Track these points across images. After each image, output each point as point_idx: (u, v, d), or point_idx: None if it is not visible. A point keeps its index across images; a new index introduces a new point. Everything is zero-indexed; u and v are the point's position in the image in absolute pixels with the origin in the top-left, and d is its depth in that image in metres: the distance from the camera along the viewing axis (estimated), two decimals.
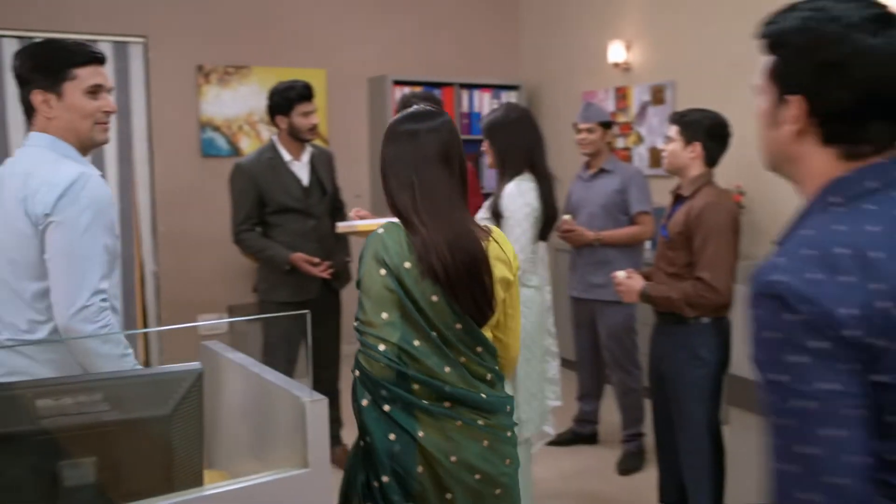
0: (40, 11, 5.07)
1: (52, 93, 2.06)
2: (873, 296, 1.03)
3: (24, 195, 1.98)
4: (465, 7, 6.43)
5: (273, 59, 5.78)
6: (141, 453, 1.46)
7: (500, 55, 6.58)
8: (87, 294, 1.96)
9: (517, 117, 3.27)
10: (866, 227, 1.08)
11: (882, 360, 1.03)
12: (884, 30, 1.09)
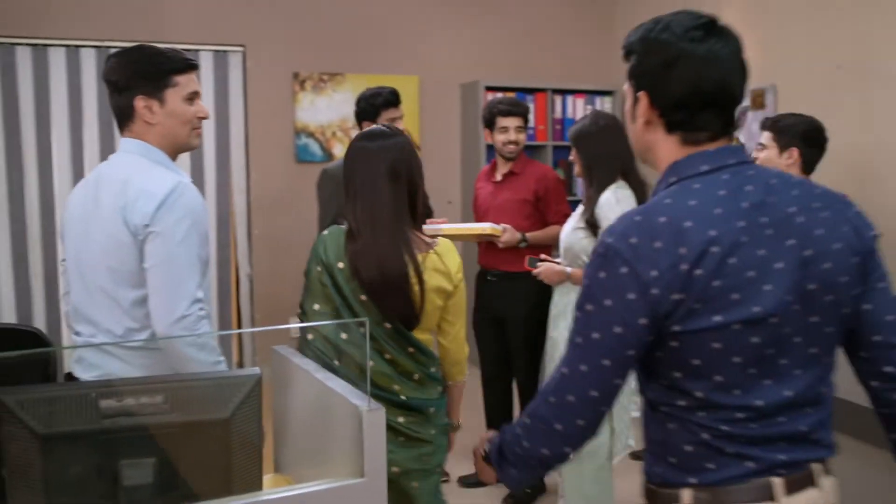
0: (144, 22, 5.28)
1: (154, 99, 2.10)
2: (678, 258, 1.27)
3: (124, 203, 2.02)
4: (559, 12, 6.35)
5: (366, 66, 5.85)
6: (199, 456, 1.48)
7: (595, 60, 6.46)
8: (187, 304, 1.99)
9: (605, 125, 3.19)
10: (688, 202, 1.32)
11: (677, 312, 1.28)
12: (706, 38, 1.36)
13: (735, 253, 1.28)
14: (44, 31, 5.06)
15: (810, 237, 1.33)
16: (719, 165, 1.36)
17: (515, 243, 3.63)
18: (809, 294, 1.32)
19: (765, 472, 1.33)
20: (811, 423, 1.36)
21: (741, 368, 1.30)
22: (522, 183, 3.77)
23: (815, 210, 1.36)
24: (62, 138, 5.09)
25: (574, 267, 3.20)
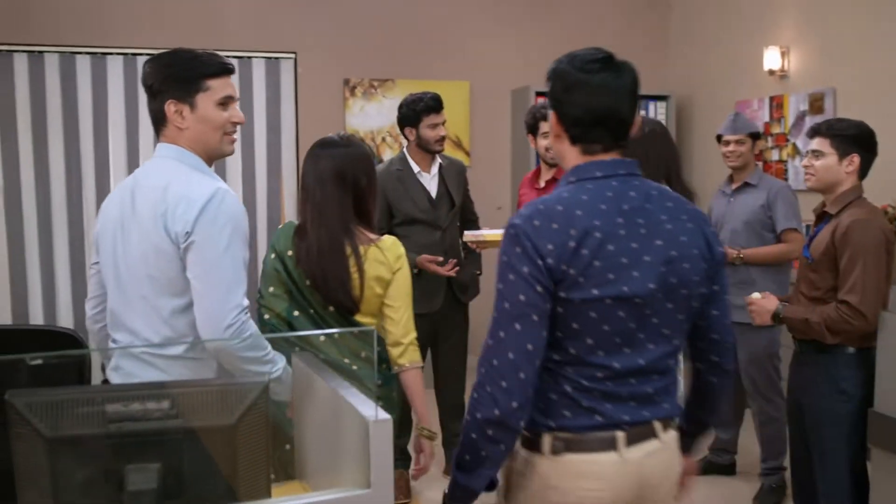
0: (198, 30, 5.38)
1: (185, 103, 2.04)
2: (568, 237, 1.58)
3: (164, 210, 1.98)
4: (612, 16, 6.26)
5: (417, 72, 5.85)
6: (205, 462, 1.47)
7: (649, 65, 6.33)
8: (234, 312, 1.95)
9: (649, 131, 3.09)
10: (581, 197, 1.65)
11: (565, 281, 1.59)
12: (601, 70, 1.66)
13: (612, 241, 1.61)
14: (102, 40, 5.20)
15: (676, 241, 1.67)
16: (611, 174, 1.68)
17: None
18: (670, 285, 1.65)
19: (611, 427, 1.64)
20: (656, 388, 1.70)
21: (608, 336, 1.63)
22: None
23: (683, 221, 1.69)
24: (118, 144, 5.22)
25: None
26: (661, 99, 6.08)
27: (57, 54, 5.11)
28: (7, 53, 5.04)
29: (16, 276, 5.15)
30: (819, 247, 2.76)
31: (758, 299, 2.87)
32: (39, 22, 5.07)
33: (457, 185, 3.94)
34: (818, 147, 2.81)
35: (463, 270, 3.87)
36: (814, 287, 2.78)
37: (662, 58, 6.39)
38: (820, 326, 2.68)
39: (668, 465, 1.73)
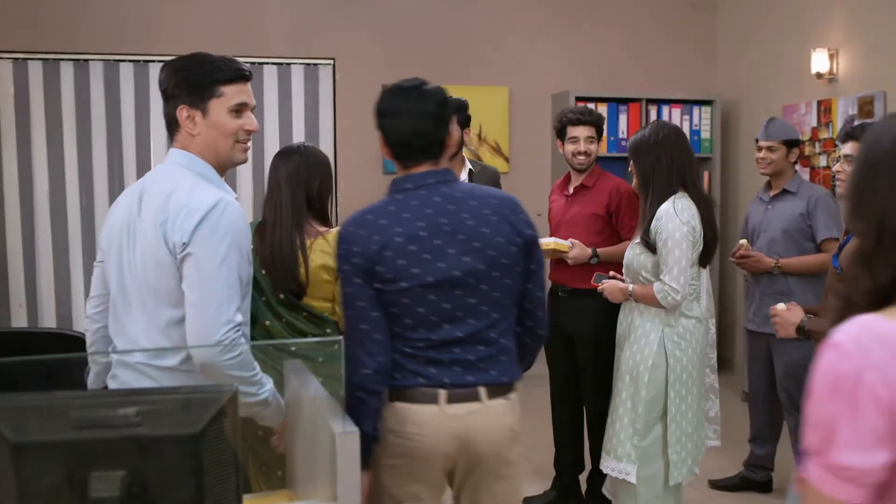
0: (238, 37, 5.44)
1: (197, 109, 2.00)
2: (372, 243, 1.96)
3: (164, 218, 1.94)
4: (655, 20, 6.14)
5: (455, 77, 5.80)
6: (170, 471, 1.45)
7: (694, 68, 6.21)
8: (225, 328, 1.89)
9: (663, 136, 3.03)
10: (388, 208, 2.00)
11: (377, 277, 1.96)
12: (405, 98, 2.03)
13: (414, 243, 1.97)
14: (145, 48, 5.30)
15: (478, 233, 1.99)
16: (420, 184, 2.02)
17: (585, 259, 3.48)
18: (479, 270, 1.99)
19: (434, 386, 1.98)
20: (480, 356, 2.01)
21: (425, 315, 1.99)
22: (594, 197, 3.62)
23: (485, 215, 2.01)
24: (159, 149, 5.30)
25: (636, 284, 3.06)
26: (705, 104, 5.93)
27: (101, 62, 5.23)
28: (54, 62, 5.17)
29: (60, 279, 5.28)
30: (848, 256, 2.63)
31: (782, 310, 2.75)
32: (85, 31, 5.19)
33: None
34: (851, 152, 2.69)
35: None
36: None
37: (708, 62, 6.25)
38: None
39: (490, 425, 2.03)
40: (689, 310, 3.02)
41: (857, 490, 1.04)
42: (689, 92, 6.05)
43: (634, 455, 2.97)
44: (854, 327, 1.08)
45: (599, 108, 5.78)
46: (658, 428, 2.98)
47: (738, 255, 3.77)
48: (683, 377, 2.98)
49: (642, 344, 3.00)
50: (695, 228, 2.93)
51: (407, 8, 5.74)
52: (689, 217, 2.92)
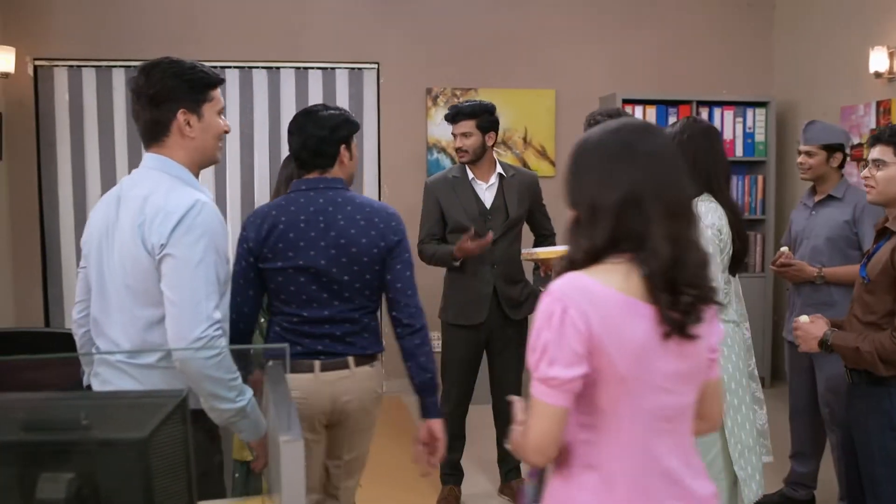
0: (283, 42, 5.51)
1: (193, 113, 2.07)
2: (262, 229, 2.41)
3: (142, 221, 1.99)
4: (708, 18, 5.96)
5: (500, 80, 5.77)
6: (118, 476, 1.45)
7: (748, 68, 6.00)
8: (203, 326, 1.95)
9: (691, 134, 2.87)
10: (281, 203, 2.48)
11: (261, 257, 2.42)
12: (302, 119, 2.53)
13: (293, 231, 2.41)
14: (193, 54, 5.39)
15: (346, 233, 2.42)
16: (311, 187, 2.47)
17: None
18: (341, 262, 2.41)
19: (309, 356, 2.41)
20: (345, 331, 2.44)
21: (296, 294, 2.43)
22: None
23: (356, 220, 2.43)
24: None
25: None
26: (760, 105, 5.72)
27: None
28: (106, 69, 5.33)
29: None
30: (877, 266, 2.49)
31: (804, 323, 2.62)
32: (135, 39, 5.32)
33: (517, 198, 3.79)
34: (879, 156, 2.54)
35: (514, 285, 3.75)
36: (869, 311, 2.51)
37: (763, 61, 6.03)
38: (872, 356, 2.41)
39: (358, 388, 2.46)
40: (725, 313, 2.86)
41: (561, 395, 1.46)
42: (742, 93, 5.85)
43: None
44: (564, 280, 1.49)
45: (648, 111, 5.65)
46: (718, 443, 2.77)
47: (778, 263, 3.61)
48: (732, 385, 2.82)
49: None
50: (721, 231, 2.77)
51: (451, 11, 5.70)
52: (715, 219, 2.77)
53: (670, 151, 1.54)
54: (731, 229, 2.83)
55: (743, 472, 2.79)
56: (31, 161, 5.29)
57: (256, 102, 5.49)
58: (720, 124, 5.70)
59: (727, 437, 2.77)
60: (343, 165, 2.52)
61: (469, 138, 3.74)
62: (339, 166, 2.51)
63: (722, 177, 2.90)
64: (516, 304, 3.78)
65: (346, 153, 2.51)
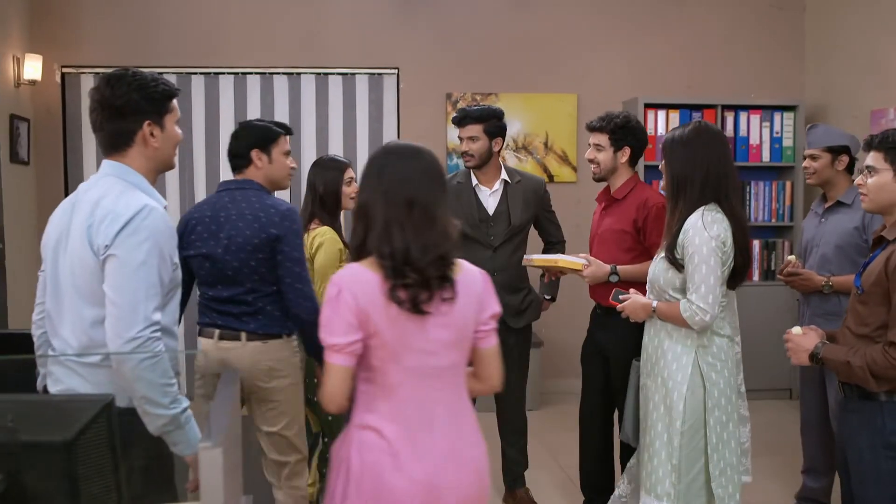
0: (304, 49, 5.56)
1: (157, 124, 2.15)
2: (184, 223, 2.89)
3: (91, 223, 2.05)
4: (736, 21, 5.84)
5: (520, 85, 5.73)
6: (44, 476, 1.47)
7: (777, 72, 5.86)
8: (140, 326, 1.98)
9: (704, 138, 2.76)
10: (203, 201, 2.99)
11: (182, 245, 2.73)
12: (237, 128, 3.10)
13: (201, 225, 2.85)
14: (216, 61, 5.49)
15: (236, 225, 2.80)
16: (224, 188, 2.93)
17: (603, 278, 3.28)
18: (232, 251, 2.78)
19: (212, 326, 2.88)
20: (242, 311, 2.83)
21: (204, 277, 2.88)
22: (623, 211, 3.39)
23: (245, 215, 2.80)
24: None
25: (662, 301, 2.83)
26: (788, 109, 5.58)
27: (175, 75, 5.44)
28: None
29: None
30: (871, 276, 2.39)
31: (795, 336, 2.52)
32: (160, 46, 5.43)
33: (522, 205, 3.72)
34: (871, 162, 2.44)
35: (514, 292, 3.69)
36: (862, 322, 2.41)
37: (793, 65, 5.89)
38: (863, 371, 2.31)
39: (249, 360, 2.82)
40: (721, 328, 2.78)
41: (343, 357, 1.84)
42: (771, 97, 5.71)
43: (674, 494, 2.71)
44: (343, 269, 1.91)
45: (671, 115, 5.55)
46: (701, 461, 2.72)
47: (785, 272, 3.50)
48: (722, 402, 2.72)
49: (674, 369, 2.74)
50: (725, 243, 2.67)
51: (471, 16, 5.69)
52: (721, 231, 2.66)
53: (413, 171, 1.93)
54: (734, 243, 2.73)
55: (722, 489, 2.70)
56: (58, 165, 5.43)
57: (277, 108, 5.54)
58: (746, 129, 5.58)
59: (709, 453, 2.69)
60: (259, 169, 2.91)
61: (475, 143, 3.70)
62: (254, 169, 2.91)
63: (731, 185, 2.78)
64: (517, 312, 3.73)
65: (259, 158, 2.90)
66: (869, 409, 2.37)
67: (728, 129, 5.57)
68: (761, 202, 5.62)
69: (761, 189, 5.62)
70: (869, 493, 2.38)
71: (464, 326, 1.92)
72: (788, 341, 2.54)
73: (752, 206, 5.62)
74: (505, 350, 3.67)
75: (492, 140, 3.71)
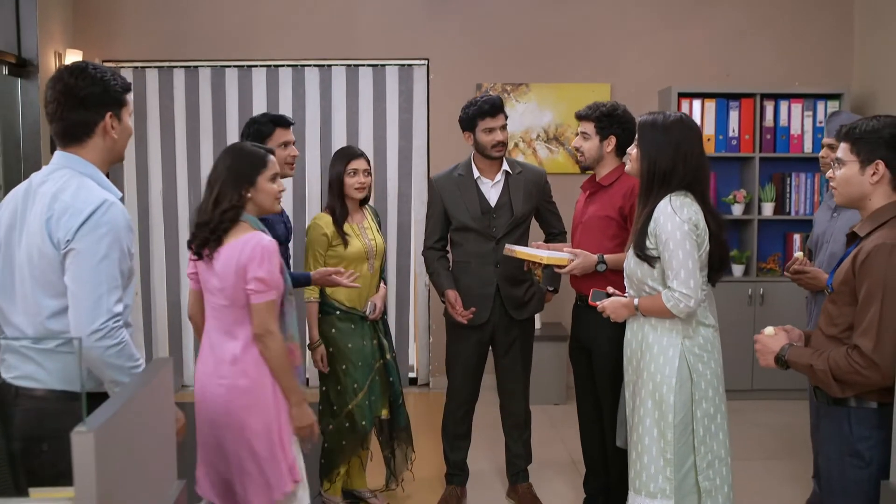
0: (335, 41, 5.60)
1: (116, 117, 2.20)
2: None
3: (49, 216, 2.08)
4: (778, 6, 5.61)
5: (552, 75, 5.64)
6: None
7: (822, 60, 5.60)
8: (103, 318, 2.05)
9: (683, 127, 2.68)
10: None
11: None
12: None
13: None
14: (249, 53, 5.59)
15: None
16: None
17: (591, 268, 3.22)
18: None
19: None
20: None
21: None
22: (609, 198, 3.33)
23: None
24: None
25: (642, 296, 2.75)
26: (832, 98, 5.33)
27: (209, 68, 5.58)
28: (168, 69, 5.59)
29: (171, 272, 5.71)
30: (839, 275, 2.27)
31: (764, 337, 2.41)
32: (195, 41, 5.56)
33: (524, 196, 3.68)
34: (840, 154, 2.31)
35: (518, 284, 3.66)
36: (832, 323, 2.29)
37: (839, 51, 5.62)
38: (826, 375, 2.19)
39: None
40: (706, 318, 2.71)
41: (192, 283, 2.67)
42: (813, 85, 5.47)
43: (670, 489, 2.66)
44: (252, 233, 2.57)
45: (707, 105, 5.38)
46: (691, 455, 2.68)
47: (792, 270, 3.35)
48: (710, 393, 2.67)
49: (661, 362, 2.68)
50: (697, 226, 2.62)
51: (501, 5, 5.62)
52: (691, 213, 2.61)
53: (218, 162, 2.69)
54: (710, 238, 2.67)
55: (709, 482, 2.65)
56: None
57: (308, 100, 5.61)
58: (787, 119, 5.36)
59: (697, 446, 2.63)
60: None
61: (504, 132, 3.68)
62: None
63: (705, 179, 2.74)
64: (520, 304, 3.69)
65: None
66: (837, 414, 2.26)
67: (768, 118, 5.37)
68: (802, 195, 5.39)
69: (802, 181, 5.39)
70: (833, 498, 2.27)
71: (227, 280, 2.54)
72: (757, 343, 2.43)
73: (793, 199, 5.40)
74: (509, 341, 3.71)
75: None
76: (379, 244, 3.66)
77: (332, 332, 3.55)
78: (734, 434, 2.99)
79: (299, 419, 2.64)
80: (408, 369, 5.82)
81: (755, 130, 5.36)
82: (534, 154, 5.65)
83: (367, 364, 3.57)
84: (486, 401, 4.14)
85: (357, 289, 3.53)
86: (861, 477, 2.21)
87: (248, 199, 2.63)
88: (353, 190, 3.56)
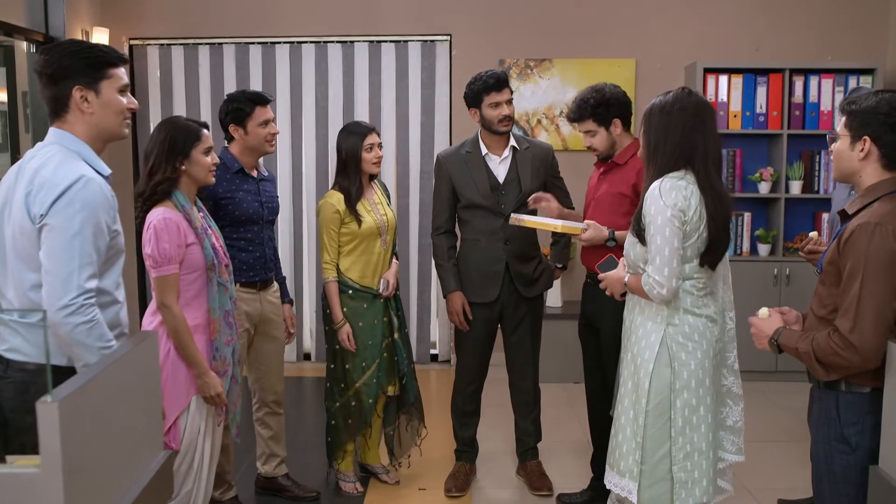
0: (358, 17, 5.59)
1: (90, 89, 2.18)
2: None
3: (29, 191, 2.11)
4: None
5: (576, 51, 5.57)
6: None
7: (852, 33, 5.44)
8: (73, 294, 2.06)
9: (682, 107, 2.56)
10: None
11: None
12: None
13: None
14: (272, 31, 5.62)
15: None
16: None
17: (601, 241, 3.19)
18: None
19: None
20: None
21: None
22: (623, 175, 3.29)
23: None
24: (283, 126, 5.61)
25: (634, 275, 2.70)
26: (865, 73, 5.17)
27: (234, 45, 5.62)
28: (193, 47, 5.65)
29: None
30: (828, 255, 2.21)
31: (759, 320, 2.36)
32: (219, 18, 5.60)
33: (532, 171, 3.64)
34: (837, 127, 2.25)
35: (527, 261, 3.65)
36: (822, 304, 2.23)
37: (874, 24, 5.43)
38: (809, 357, 2.15)
39: None
40: (699, 307, 2.61)
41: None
42: (846, 59, 5.31)
43: (636, 472, 2.63)
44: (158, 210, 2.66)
45: (734, 80, 5.26)
46: (667, 444, 2.60)
47: (805, 249, 3.27)
48: (692, 384, 2.58)
49: (643, 346, 2.63)
50: (685, 212, 2.51)
51: None
52: (678, 199, 2.50)
53: None
54: (709, 216, 2.57)
55: (685, 474, 2.58)
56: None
57: (331, 76, 5.62)
58: (817, 95, 5.22)
59: (674, 436, 2.56)
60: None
61: (511, 106, 3.64)
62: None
63: (710, 157, 2.61)
64: (529, 281, 3.68)
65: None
66: (827, 399, 2.21)
67: (797, 94, 5.23)
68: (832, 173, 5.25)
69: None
70: (823, 488, 2.23)
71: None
72: (753, 325, 2.38)
73: (822, 178, 5.27)
74: (518, 319, 3.71)
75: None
76: (391, 219, 3.67)
77: (344, 311, 3.57)
78: (754, 416, 2.93)
79: (204, 388, 2.72)
80: (429, 346, 5.85)
81: (783, 106, 5.23)
82: (557, 130, 5.60)
83: (376, 343, 3.60)
84: (496, 378, 4.14)
85: (370, 267, 3.57)
86: (847, 463, 2.16)
87: (183, 171, 2.70)
88: (371, 165, 3.59)
